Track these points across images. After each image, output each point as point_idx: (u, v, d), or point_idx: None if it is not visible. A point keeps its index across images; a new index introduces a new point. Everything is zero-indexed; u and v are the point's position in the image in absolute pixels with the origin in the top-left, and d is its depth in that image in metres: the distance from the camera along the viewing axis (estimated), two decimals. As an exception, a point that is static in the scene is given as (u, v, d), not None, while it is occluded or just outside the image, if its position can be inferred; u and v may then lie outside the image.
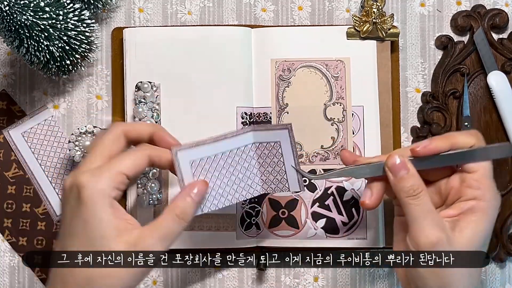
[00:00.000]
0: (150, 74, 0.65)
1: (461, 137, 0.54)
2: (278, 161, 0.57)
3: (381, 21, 0.65)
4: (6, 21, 0.56)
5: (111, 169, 0.50)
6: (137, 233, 0.50)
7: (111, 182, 0.49)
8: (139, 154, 0.52)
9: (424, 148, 0.53)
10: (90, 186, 0.48)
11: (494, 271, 0.68)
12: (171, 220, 0.51)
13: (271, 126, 0.57)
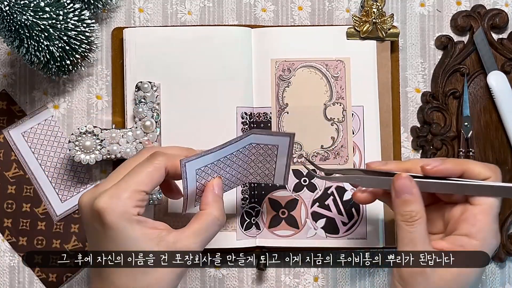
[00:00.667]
0: (150, 74, 0.65)
1: (476, 167, 0.52)
2: (270, 160, 0.58)
3: (381, 21, 0.65)
4: (6, 21, 0.56)
5: (128, 189, 0.49)
6: (174, 237, 0.50)
7: (131, 202, 0.49)
8: (156, 167, 0.51)
9: (433, 168, 0.52)
10: (111, 210, 0.48)
11: (494, 271, 0.68)
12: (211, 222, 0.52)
13: (274, 132, 0.58)
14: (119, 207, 0.48)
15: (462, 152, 0.66)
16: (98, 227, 0.49)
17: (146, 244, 0.49)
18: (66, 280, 0.66)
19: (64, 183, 0.67)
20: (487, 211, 0.51)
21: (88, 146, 0.63)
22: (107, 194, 0.49)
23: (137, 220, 0.49)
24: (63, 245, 0.66)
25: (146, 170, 0.51)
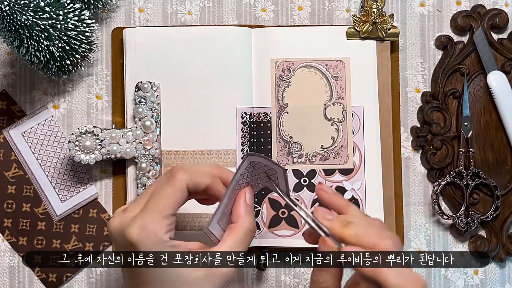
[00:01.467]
0: (150, 74, 0.65)
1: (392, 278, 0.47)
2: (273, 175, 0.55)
3: (381, 21, 0.65)
4: (6, 21, 0.56)
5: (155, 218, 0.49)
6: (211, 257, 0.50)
7: (161, 229, 0.49)
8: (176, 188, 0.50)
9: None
10: (143, 243, 0.48)
11: (494, 271, 0.68)
12: (245, 235, 0.52)
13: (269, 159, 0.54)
14: (151, 239, 0.48)
15: (462, 152, 0.66)
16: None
17: (184, 270, 0.49)
18: (66, 280, 0.66)
19: (64, 183, 0.67)
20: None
21: (88, 146, 0.63)
22: (136, 225, 0.48)
23: (171, 246, 0.49)
24: (63, 245, 0.66)
25: (166, 193, 0.50)
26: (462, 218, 0.65)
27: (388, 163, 0.66)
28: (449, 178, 0.66)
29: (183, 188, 0.50)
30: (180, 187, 0.50)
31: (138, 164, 0.64)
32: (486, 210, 0.66)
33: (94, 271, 0.67)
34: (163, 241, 0.49)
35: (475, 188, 0.66)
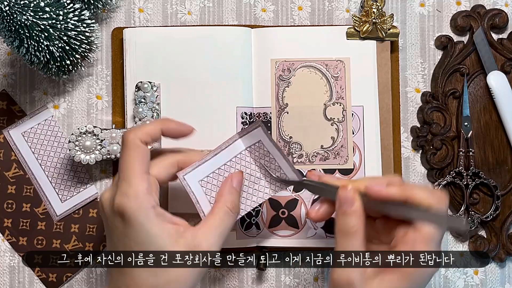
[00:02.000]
0: (150, 74, 0.65)
1: (420, 193, 0.51)
2: (270, 159, 0.58)
3: (380, 21, 0.65)
4: (6, 21, 0.56)
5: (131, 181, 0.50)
6: (192, 234, 0.51)
7: (141, 189, 0.50)
8: (135, 148, 0.51)
9: (376, 192, 0.51)
10: (130, 208, 0.49)
11: (494, 271, 0.68)
12: (225, 215, 0.53)
13: (248, 128, 0.57)
14: (133, 203, 0.49)
15: (462, 152, 0.66)
16: (119, 225, 0.50)
17: (164, 241, 0.50)
18: (66, 280, 0.66)
19: (64, 183, 0.67)
20: (426, 239, 0.50)
21: (88, 146, 0.63)
22: (118, 194, 0.50)
23: (156, 213, 0.50)
24: (63, 245, 0.66)
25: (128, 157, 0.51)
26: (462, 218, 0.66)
27: (388, 163, 0.66)
28: (449, 178, 0.66)
29: (138, 143, 0.52)
30: (136, 145, 0.51)
31: (138, 164, 0.64)
32: (486, 210, 0.66)
33: (94, 271, 0.67)
34: (147, 207, 0.50)
35: (475, 188, 0.66)
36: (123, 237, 0.50)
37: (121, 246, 0.51)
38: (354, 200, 0.51)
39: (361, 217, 0.51)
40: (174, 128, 0.55)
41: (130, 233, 0.50)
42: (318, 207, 0.56)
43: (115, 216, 0.50)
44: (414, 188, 0.52)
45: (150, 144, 0.53)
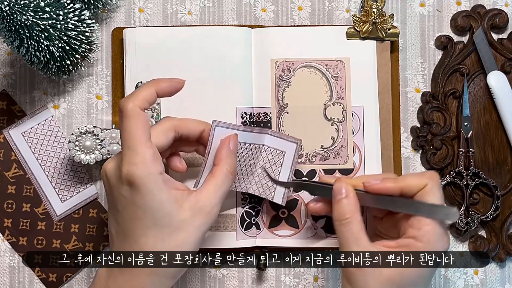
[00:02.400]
0: (150, 74, 0.65)
1: (412, 180, 0.54)
2: (275, 170, 0.61)
3: (381, 21, 0.65)
4: (6, 21, 0.56)
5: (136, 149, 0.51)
6: (196, 198, 0.53)
7: (147, 156, 0.51)
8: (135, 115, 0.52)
9: (372, 187, 0.54)
10: (139, 175, 0.50)
11: (494, 271, 0.68)
12: (225, 177, 0.55)
13: (285, 136, 0.62)
14: (142, 169, 0.50)
15: (462, 152, 0.66)
16: (126, 192, 0.51)
17: (172, 206, 0.51)
18: (66, 280, 0.66)
19: (64, 183, 0.67)
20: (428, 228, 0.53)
21: (88, 146, 0.63)
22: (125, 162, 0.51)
23: (163, 179, 0.52)
24: (63, 245, 0.66)
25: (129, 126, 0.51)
26: (462, 218, 0.65)
27: (388, 163, 0.66)
28: (449, 178, 0.66)
29: (138, 111, 0.52)
30: (136, 112, 0.52)
31: (138, 164, 0.64)
32: (486, 210, 0.66)
33: (94, 271, 0.67)
34: (155, 173, 0.51)
35: (475, 188, 0.66)
36: (130, 205, 0.51)
37: (128, 214, 0.52)
38: (347, 190, 0.55)
39: (355, 205, 0.54)
40: (167, 85, 0.55)
41: (138, 200, 0.51)
42: (317, 200, 0.59)
43: (122, 185, 0.51)
44: (406, 176, 0.55)
45: (148, 109, 0.54)
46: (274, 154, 0.62)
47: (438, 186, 0.54)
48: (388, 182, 0.54)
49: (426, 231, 0.52)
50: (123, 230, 0.52)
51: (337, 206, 0.55)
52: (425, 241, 0.52)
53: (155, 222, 0.51)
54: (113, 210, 0.53)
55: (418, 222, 0.53)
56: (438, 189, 0.54)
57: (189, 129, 0.57)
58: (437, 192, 0.53)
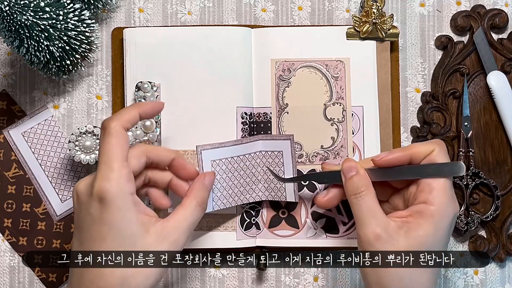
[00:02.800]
0: (150, 74, 0.65)
1: (420, 147, 0.56)
2: (279, 170, 0.62)
3: (381, 21, 0.65)
4: (6, 21, 0.56)
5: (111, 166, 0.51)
6: (162, 225, 0.52)
7: (121, 175, 0.51)
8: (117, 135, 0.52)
9: (382, 160, 0.56)
10: (111, 191, 0.50)
11: (494, 271, 0.68)
12: (194, 209, 0.55)
13: (276, 136, 0.63)
14: (114, 186, 0.50)
15: (462, 152, 0.66)
16: (94, 210, 0.51)
17: (138, 229, 0.51)
18: (66, 280, 0.66)
19: (64, 183, 0.67)
20: (441, 181, 0.54)
21: (88, 146, 0.63)
22: (99, 178, 0.51)
23: (134, 201, 0.51)
24: (63, 245, 0.66)
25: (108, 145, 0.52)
26: (462, 218, 0.65)
27: (388, 163, 0.66)
28: (449, 178, 0.66)
29: (121, 130, 0.53)
30: (118, 132, 0.52)
31: (138, 164, 0.64)
32: (486, 210, 0.66)
33: (94, 271, 0.67)
34: (127, 192, 0.51)
35: (475, 188, 0.66)
36: (97, 223, 0.51)
37: (93, 234, 0.51)
38: (358, 167, 0.56)
39: (367, 179, 0.56)
40: (149, 108, 0.57)
41: (105, 218, 0.50)
42: (326, 193, 0.60)
43: (92, 201, 0.51)
44: (413, 145, 0.57)
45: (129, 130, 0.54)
46: (273, 156, 0.63)
47: (444, 150, 0.55)
48: (396, 152, 0.56)
49: (437, 192, 0.53)
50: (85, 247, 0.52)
51: (349, 183, 0.56)
52: (437, 203, 0.53)
53: (119, 242, 0.50)
54: (77, 230, 0.53)
55: (428, 185, 0.54)
56: (445, 153, 0.55)
57: (159, 156, 0.57)
58: (444, 155, 0.55)
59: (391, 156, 0.55)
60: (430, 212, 0.53)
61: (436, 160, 0.55)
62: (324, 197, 0.60)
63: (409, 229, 0.53)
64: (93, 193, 0.50)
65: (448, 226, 0.54)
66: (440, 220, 0.53)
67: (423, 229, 0.53)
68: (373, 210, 0.54)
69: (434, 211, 0.53)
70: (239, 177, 0.62)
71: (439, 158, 0.55)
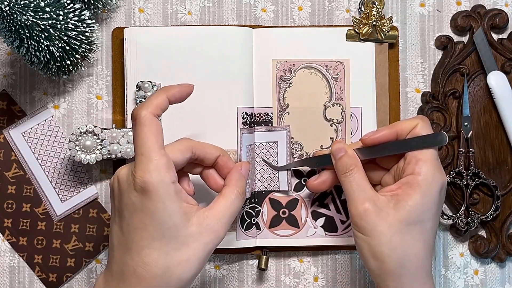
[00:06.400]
0: (150, 74, 0.65)
1: (404, 123, 0.57)
2: (273, 160, 0.64)
3: (380, 23, 0.65)
4: (6, 21, 0.56)
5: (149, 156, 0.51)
6: (204, 214, 0.52)
7: (161, 164, 0.51)
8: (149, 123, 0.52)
9: (369, 138, 0.57)
10: (154, 182, 0.50)
11: (494, 271, 0.68)
12: (235, 199, 0.55)
13: (272, 127, 0.65)
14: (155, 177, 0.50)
15: (462, 152, 0.66)
16: (135, 199, 0.50)
17: (180, 218, 0.51)
18: (66, 280, 0.66)
19: (64, 183, 0.66)
20: (426, 153, 0.55)
21: (89, 146, 0.63)
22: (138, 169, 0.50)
23: (175, 189, 0.51)
24: (63, 245, 0.66)
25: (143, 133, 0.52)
26: (462, 218, 0.66)
27: (388, 163, 0.66)
28: (449, 178, 0.66)
29: (151, 118, 0.52)
30: (149, 119, 0.52)
31: (138, 164, 0.64)
32: (486, 210, 0.66)
33: (94, 271, 0.67)
34: (168, 181, 0.50)
35: (475, 188, 0.67)
36: (139, 212, 0.50)
37: (134, 222, 0.51)
38: (345, 147, 0.58)
39: (356, 158, 0.57)
40: (177, 91, 0.55)
41: (147, 208, 0.50)
42: (317, 176, 0.62)
43: (132, 191, 0.50)
44: (398, 122, 0.59)
45: (160, 116, 0.54)
46: (268, 147, 0.64)
47: (428, 124, 0.57)
48: (383, 130, 0.57)
49: (423, 162, 0.54)
50: (126, 240, 0.52)
51: (340, 163, 0.57)
52: (423, 173, 0.54)
53: (161, 233, 0.50)
54: (118, 217, 0.53)
55: (414, 157, 0.55)
56: (428, 126, 0.57)
57: (206, 153, 0.57)
58: (428, 128, 0.56)
59: (378, 134, 0.57)
60: (417, 182, 0.54)
61: (420, 133, 0.56)
62: (315, 180, 0.61)
63: (398, 201, 0.54)
64: (134, 183, 0.50)
65: (437, 195, 0.55)
66: (427, 189, 0.54)
67: (412, 199, 0.54)
68: (362, 186, 0.56)
69: (421, 181, 0.54)
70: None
71: (423, 131, 0.56)
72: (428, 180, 0.54)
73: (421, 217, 0.54)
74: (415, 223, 0.54)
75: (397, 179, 0.57)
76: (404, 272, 0.53)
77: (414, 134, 0.56)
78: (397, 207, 0.54)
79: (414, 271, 0.54)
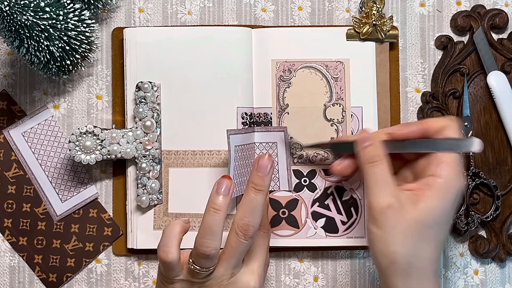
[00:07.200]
0: (150, 74, 0.65)
1: (434, 122, 0.57)
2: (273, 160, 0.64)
3: (380, 23, 0.65)
4: (6, 21, 0.56)
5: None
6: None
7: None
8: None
9: (399, 131, 0.57)
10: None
11: (494, 271, 0.68)
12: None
13: (270, 128, 0.64)
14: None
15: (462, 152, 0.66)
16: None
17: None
18: (66, 280, 0.66)
19: (64, 183, 0.67)
20: (450, 155, 0.55)
21: (89, 146, 0.63)
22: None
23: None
24: (63, 245, 0.66)
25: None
26: (462, 218, 0.66)
27: (388, 163, 0.66)
28: (449, 178, 0.66)
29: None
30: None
31: (139, 164, 0.64)
32: (486, 210, 0.66)
33: (94, 271, 0.67)
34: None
35: (475, 188, 0.67)
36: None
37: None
38: (373, 137, 0.57)
39: (382, 149, 0.57)
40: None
41: None
42: (341, 161, 0.61)
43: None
44: (427, 119, 0.59)
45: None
46: (267, 147, 0.64)
47: (457, 125, 0.56)
48: (412, 126, 0.57)
49: (446, 165, 0.55)
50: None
51: (365, 152, 0.57)
52: (444, 176, 0.54)
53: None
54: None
55: (437, 159, 0.55)
56: (458, 127, 0.56)
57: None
58: (457, 130, 0.56)
59: (407, 129, 0.57)
60: (438, 185, 0.54)
61: (449, 135, 0.56)
62: (339, 165, 0.61)
63: (417, 201, 0.54)
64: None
65: (454, 199, 0.55)
66: (447, 193, 0.54)
67: (430, 201, 0.54)
68: (387, 179, 0.55)
69: (442, 184, 0.54)
70: (243, 166, 0.62)
71: (452, 133, 0.56)
72: (448, 185, 0.54)
73: (437, 220, 0.54)
74: (431, 226, 0.54)
75: (417, 176, 0.57)
76: (413, 272, 0.53)
77: (443, 135, 0.56)
78: (415, 207, 0.54)
79: (423, 272, 0.54)
